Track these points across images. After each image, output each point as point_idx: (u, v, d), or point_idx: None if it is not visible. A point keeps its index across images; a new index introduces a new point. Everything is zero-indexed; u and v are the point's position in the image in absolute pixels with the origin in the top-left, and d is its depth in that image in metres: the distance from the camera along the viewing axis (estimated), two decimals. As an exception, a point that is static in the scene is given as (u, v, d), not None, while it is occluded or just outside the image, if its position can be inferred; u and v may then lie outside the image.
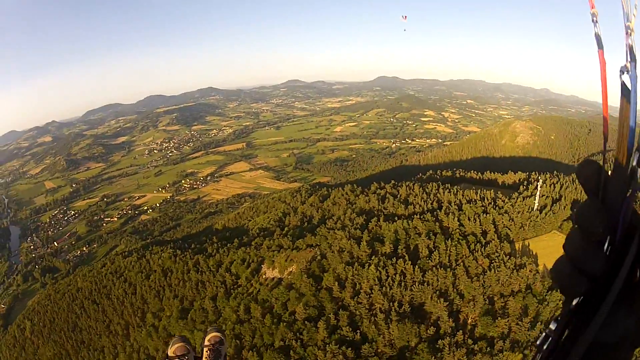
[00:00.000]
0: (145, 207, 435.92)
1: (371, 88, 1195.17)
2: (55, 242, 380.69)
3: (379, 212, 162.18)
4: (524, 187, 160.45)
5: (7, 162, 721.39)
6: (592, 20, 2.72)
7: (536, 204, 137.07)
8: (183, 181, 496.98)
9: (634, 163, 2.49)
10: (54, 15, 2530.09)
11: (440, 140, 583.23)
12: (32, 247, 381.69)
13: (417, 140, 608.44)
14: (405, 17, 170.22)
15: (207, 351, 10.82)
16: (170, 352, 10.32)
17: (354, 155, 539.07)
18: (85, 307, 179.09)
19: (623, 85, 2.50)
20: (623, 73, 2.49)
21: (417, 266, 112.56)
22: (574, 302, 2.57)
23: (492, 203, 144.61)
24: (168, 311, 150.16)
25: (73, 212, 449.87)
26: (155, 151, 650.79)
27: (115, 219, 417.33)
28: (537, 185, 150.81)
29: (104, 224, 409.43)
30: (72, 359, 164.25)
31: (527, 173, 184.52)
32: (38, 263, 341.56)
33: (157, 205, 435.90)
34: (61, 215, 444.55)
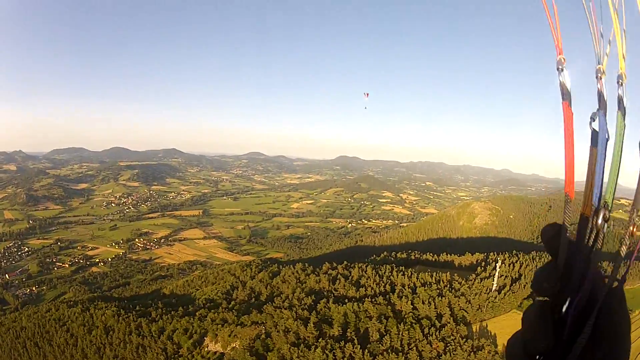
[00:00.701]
0: (97, 260, 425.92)
1: (331, 167, 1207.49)
2: (7, 275, 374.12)
3: (329, 293, 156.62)
4: (482, 268, 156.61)
5: None
6: (558, 69, 2.39)
7: (494, 285, 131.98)
8: (137, 240, 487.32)
9: (599, 220, 2.26)
10: (35, 48, 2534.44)
11: (397, 222, 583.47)
12: None
13: (374, 221, 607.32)
14: (367, 94, 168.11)
15: None
16: None
17: (309, 233, 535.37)
18: (28, 348, 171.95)
19: (593, 134, 2.23)
20: (594, 120, 2.25)
21: (366, 350, 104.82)
22: None
23: (448, 285, 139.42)
24: None
25: (27, 248, 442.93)
26: (113, 204, 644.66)
27: (67, 265, 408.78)
28: (495, 265, 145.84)
29: (56, 268, 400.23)
30: None
31: (485, 253, 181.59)
32: None
33: (109, 259, 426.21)
34: (15, 249, 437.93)
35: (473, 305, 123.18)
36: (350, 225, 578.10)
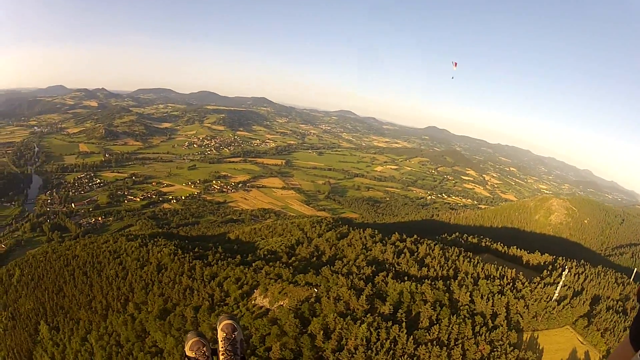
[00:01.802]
0: (170, 197, 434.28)
1: (420, 136, 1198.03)
2: (73, 204, 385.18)
3: (390, 267, 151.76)
4: (548, 272, 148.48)
5: (47, 114, 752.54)
6: None
7: (556, 294, 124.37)
8: (214, 182, 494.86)
9: None
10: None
11: (475, 202, 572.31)
12: (49, 200, 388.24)
13: (454, 197, 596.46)
14: (456, 63, 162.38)
15: (222, 341, 10.45)
16: (187, 350, 10.22)
17: (387, 198, 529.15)
18: (75, 276, 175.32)
19: None
20: None
21: (412, 336, 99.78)
22: None
23: (511, 284, 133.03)
24: (150, 307, 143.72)
25: (99, 180, 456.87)
26: (195, 145, 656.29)
27: (138, 199, 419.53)
28: (561, 273, 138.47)
29: (126, 201, 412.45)
30: (48, 319, 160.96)
31: (554, 257, 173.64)
32: (50, 218, 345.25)
33: (183, 198, 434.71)
34: (86, 180, 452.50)
35: (530, 311, 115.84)
36: (429, 197, 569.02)
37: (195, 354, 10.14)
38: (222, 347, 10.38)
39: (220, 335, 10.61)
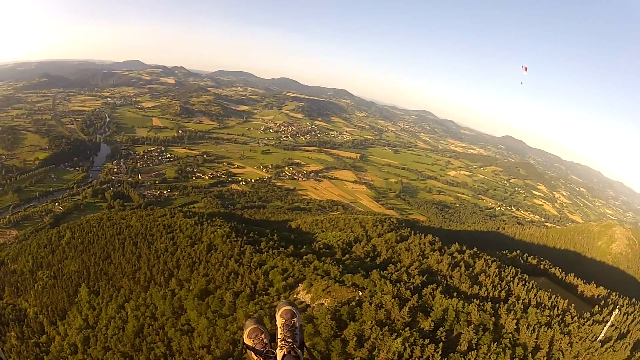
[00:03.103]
0: (240, 178, 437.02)
1: (496, 144, 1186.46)
2: (139, 175, 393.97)
3: (442, 279, 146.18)
4: (599, 308, 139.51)
5: (122, 87, 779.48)
6: None
7: (602, 334, 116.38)
8: (286, 168, 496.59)
9: None
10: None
11: (543, 219, 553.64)
12: (115, 170, 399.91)
13: (522, 211, 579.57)
14: (526, 68, 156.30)
15: (281, 327, 10.47)
16: (245, 338, 10.25)
17: (457, 205, 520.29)
18: (125, 245, 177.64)
19: None
20: None
21: (446, 358, 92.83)
22: None
23: (561, 316, 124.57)
24: (192, 285, 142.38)
25: (169, 155, 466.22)
26: (271, 130, 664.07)
27: (207, 177, 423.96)
28: (612, 311, 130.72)
29: (194, 178, 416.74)
30: (90, 283, 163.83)
31: (608, 291, 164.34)
32: (114, 186, 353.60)
33: (252, 180, 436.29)
34: (156, 154, 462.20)
35: (573, 350, 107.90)
36: (498, 208, 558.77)
37: (253, 341, 10.00)
38: (280, 334, 10.26)
39: (279, 321, 10.53)
